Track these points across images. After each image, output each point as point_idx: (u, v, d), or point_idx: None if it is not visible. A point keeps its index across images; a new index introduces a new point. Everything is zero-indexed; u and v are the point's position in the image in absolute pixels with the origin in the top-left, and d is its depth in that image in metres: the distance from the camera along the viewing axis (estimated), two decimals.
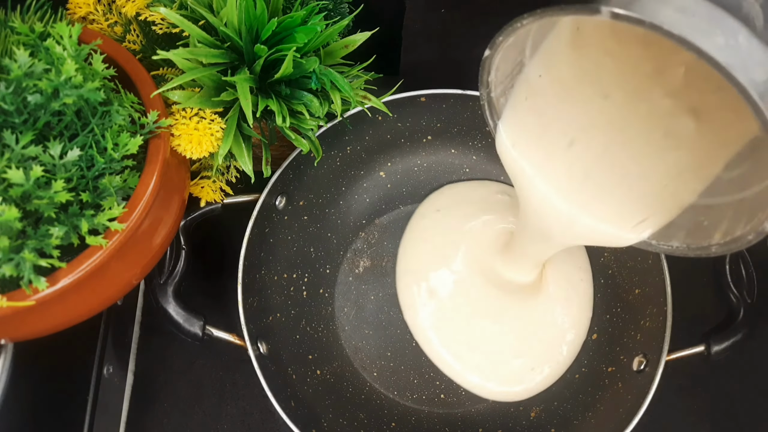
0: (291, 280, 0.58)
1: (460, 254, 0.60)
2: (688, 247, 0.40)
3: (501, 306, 0.57)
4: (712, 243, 0.38)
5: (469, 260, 0.59)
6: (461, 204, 0.62)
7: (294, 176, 0.56)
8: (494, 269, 0.59)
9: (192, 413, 0.57)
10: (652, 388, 0.47)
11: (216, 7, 0.44)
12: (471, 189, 0.63)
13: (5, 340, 0.42)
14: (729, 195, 0.38)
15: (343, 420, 0.53)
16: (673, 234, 0.41)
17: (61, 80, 0.37)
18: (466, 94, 0.57)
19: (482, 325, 0.57)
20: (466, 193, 0.63)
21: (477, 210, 0.61)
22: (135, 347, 0.59)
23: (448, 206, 0.62)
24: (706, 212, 0.40)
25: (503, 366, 0.56)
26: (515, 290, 0.58)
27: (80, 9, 0.48)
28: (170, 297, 0.49)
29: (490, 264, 0.59)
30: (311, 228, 0.60)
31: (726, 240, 0.37)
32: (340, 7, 0.50)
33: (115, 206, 0.38)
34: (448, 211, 0.62)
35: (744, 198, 0.37)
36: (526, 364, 0.55)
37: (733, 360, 0.50)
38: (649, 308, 0.52)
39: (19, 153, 0.36)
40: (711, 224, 0.39)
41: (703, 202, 0.40)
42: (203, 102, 0.44)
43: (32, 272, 0.36)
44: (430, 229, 0.61)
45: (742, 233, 0.36)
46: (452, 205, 0.62)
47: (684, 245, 0.40)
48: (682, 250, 0.40)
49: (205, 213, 0.52)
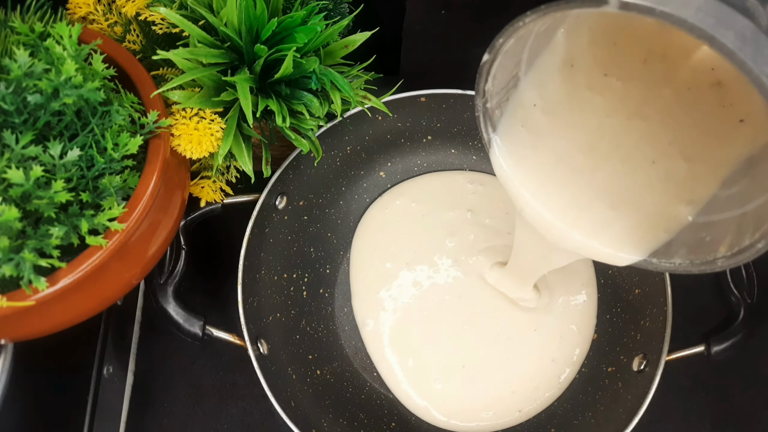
0: (291, 280, 0.58)
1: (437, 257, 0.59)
2: (692, 263, 0.38)
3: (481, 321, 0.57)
4: (718, 257, 0.36)
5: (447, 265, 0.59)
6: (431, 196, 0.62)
7: (294, 176, 0.56)
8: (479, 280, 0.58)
9: (192, 413, 0.57)
10: (652, 388, 0.47)
11: (216, 7, 0.44)
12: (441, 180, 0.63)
13: (5, 340, 0.42)
14: (729, 211, 0.38)
15: (343, 420, 0.53)
16: (674, 251, 0.40)
17: (61, 80, 0.37)
18: (466, 94, 0.57)
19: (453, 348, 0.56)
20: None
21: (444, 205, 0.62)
22: (135, 347, 0.59)
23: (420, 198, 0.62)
24: (706, 228, 0.39)
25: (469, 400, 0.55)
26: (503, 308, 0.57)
27: (80, 9, 0.48)
28: (170, 297, 0.49)
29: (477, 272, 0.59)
30: (311, 228, 0.60)
31: (733, 252, 0.35)
32: (340, 7, 0.50)
33: (115, 206, 0.38)
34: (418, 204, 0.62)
35: (746, 212, 0.36)
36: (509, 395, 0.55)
37: (733, 360, 0.50)
38: (649, 308, 0.52)
39: (19, 153, 0.36)
40: (714, 239, 0.38)
41: (702, 219, 0.39)
42: (203, 102, 0.44)
43: (32, 272, 0.36)
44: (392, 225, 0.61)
45: (751, 242, 0.34)
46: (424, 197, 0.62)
47: (687, 261, 0.38)
48: (685, 267, 0.38)
49: (205, 213, 0.52)
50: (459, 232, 0.60)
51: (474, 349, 0.56)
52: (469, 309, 0.57)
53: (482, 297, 0.57)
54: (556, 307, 0.57)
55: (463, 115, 0.59)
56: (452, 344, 0.56)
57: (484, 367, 0.55)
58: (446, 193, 0.62)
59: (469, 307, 0.57)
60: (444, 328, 0.57)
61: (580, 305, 0.57)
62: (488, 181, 0.62)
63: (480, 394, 0.54)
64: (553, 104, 0.41)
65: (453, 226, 0.60)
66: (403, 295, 0.58)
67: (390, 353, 0.56)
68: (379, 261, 0.60)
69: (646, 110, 0.39)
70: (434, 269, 0.59)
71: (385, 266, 0.59)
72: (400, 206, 0.62)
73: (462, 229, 0.60)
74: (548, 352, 0.55)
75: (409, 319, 0.57)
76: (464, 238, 0.60)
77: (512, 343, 0.56)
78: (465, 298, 0.58)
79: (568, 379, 0.55)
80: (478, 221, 0.61)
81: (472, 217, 0.61)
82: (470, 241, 0.60)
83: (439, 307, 0.57)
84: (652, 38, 0.38)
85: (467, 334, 0.56)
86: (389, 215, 0.62)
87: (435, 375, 0.55)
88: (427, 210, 0.61)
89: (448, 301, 0.58)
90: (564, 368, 0.55)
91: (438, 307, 0.57)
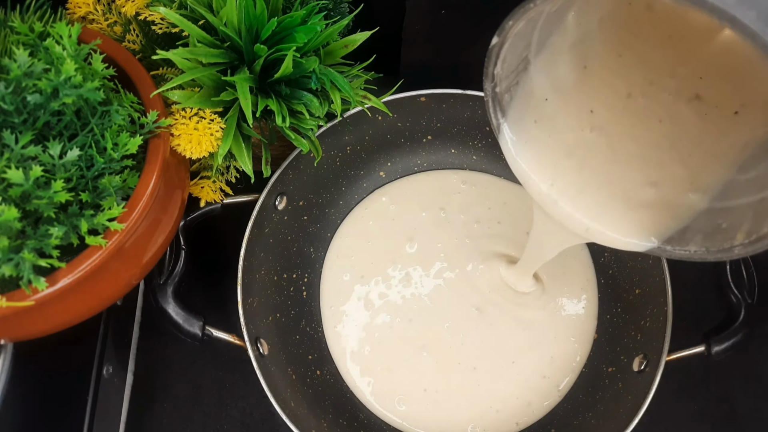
0: (291, 280, 0.58)
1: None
2: (708, 250, 0.37)
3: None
4: (735, 244, 0.35)
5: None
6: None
7: (294, 176, 0.56)
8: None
9: (192, 413, 0.57)
10: (652, 388, 0.47)
11: (216, 6, 0.44)
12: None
13: (5, 340, 0.42)
14: (747, 196, 0.37)
15: (343, 420, 0.53)
16: (689, 238, 0.39)
17: (60, 80, 0.37)
18: (466, 94, 0.57)
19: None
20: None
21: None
22: (135, 347, 0.59)
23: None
24: (723, 215, 0.38)
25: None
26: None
27: (80, 9, 0.48)
28: (170, 297, 0.49)
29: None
30: (311, 228, 0.59)
31: (751, 239, 0.35)
32: (340, 6, 0.50)
33: (115, 206, 0.38)
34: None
35: (765, 197, 0.36)
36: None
37: (733, 360, 0.50)
38: (650, 308, 0.52)
39: (18, 153, 0.36)
40: (730, 226, 0.37)
41: (719, 205, 0.38)
42: (203, 102, 0.44)
43: (32, 272, 0.36)
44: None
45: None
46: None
47: (703, 249, 0.38)
48: (701, 254, 0.38)
49: (205, 213, 0.52)
50: (422, 237, 0.59)
51: (458, 364, 0.54)
52: (445, 320, 0.56)
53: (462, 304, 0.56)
54: (553, 317, 0.56)
55: (463, 115, 0.59)
56: (425, 364, 0.54)
57: (472, 386, 0.54)
58: (431, 193, 0.61)
59: (446, 319, 0.56)
60: (414, 346, 0.55)
61: (576, 315, 0.57)
62: (479, 180, 0.62)
63: (466, 411, 0.53)
64: (563, 87, 0.40)
65: (419, 230, 0.59)
66: (359, 314, 0.57)
67: (356, 373, 0.55)
68: (338, 273, 0.58)
69: (654, 95, 0.39)
70: (402, 282, 0.58)
71: (342, 279, 0.58)
72: (378, 208, 0.61)
73: (428, 232, 0.59)
74: (540, 370, 0.55)
75: (373, 337, 0.56)
76: (431, 244, 0.59)
77: (499, 363, 0.55)
78: (441, 310, 0.56)
79: (568, 384, 0.55)
80: (451, 220, 0.60)
81: (446, 216, 0.60)
82: (437, 248, 0.59)
83: (406, 323, 0.56)
84: (669, 21, 0.37)
85: (442, 352, 0.55)
86: (365, 220, 0.61)
87: (411, 393, 0.54)
88: (401, 213, 0.60)
89: (413, 320, 0.56)
90: (554, 388, 0.54)
91: (404, 323, 0.56)
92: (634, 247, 0.41)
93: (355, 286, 0.58)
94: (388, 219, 0.60)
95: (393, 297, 0.57)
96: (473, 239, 0.59)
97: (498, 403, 0.53)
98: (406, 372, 0.55)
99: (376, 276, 0.58)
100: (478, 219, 0.60)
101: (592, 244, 0.59)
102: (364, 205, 0.61)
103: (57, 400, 0.49)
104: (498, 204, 0.61)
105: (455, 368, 0.54)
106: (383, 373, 0.55)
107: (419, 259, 0.58)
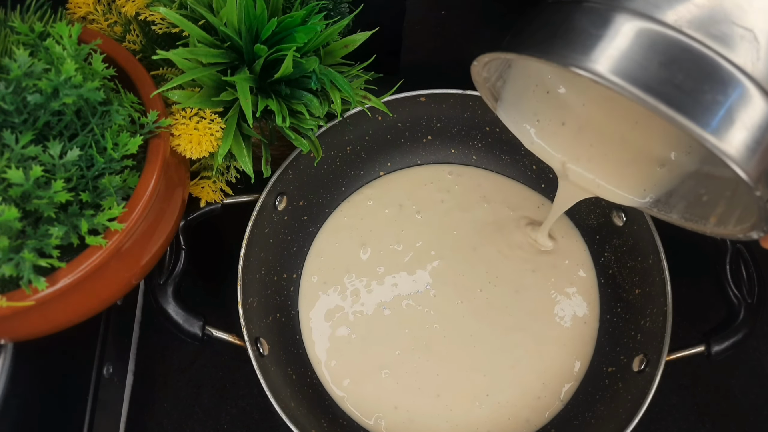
0: (291, 280, 0.58)
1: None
2: (685, 219, 0.42)
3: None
4: (707, 224, 0.41)
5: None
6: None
7: (294, 176, 0.56)
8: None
9: (192, 413, 0.57)
10: (652, 388, 0.47)
11: (216, 6, 0.44)
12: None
13: (5, 340, 0.42)
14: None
15: (343, 420, 0.53)
16: (674, 204, 0.43)
17: (60, 80, 0.37)
18: (466, 94, 0.57)
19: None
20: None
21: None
22: (135, 347, 0.59)
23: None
24: (706, 184, 0.41)
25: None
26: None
27: (80, 9, 0.48)
28: (170, 297, 0.49)
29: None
30: (311, 228, 0.60)
31: (719, 230, 0.40)
32: (340, 6, 0.50)
33: (115, 206, 0.38)
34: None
35: (738, 190, 0.39)
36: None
37: (733, 360, 0.50)
38: (649, 308, 0.52)
39: (18, 153, 0.36)
40: (709, 201, 0.41)
41: (706, 169, 0.41)
42: (203, 102, 0.44)
43: (32, 272, 0.36)
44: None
45: (732, 231, 0.38)
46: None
47: (682, 219, 0.43)
48: (680, 222, 0.43)
49: (205, 213, 0.52)
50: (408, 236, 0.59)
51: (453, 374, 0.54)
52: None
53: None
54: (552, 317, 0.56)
55: (463, 115, 0.59)
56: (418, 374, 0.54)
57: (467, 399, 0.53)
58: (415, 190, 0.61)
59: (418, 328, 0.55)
60: (407, 349, 0.55)
61: (576, 316, 0.56)
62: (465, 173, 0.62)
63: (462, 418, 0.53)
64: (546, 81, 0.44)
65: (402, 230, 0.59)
66: (326, 322, 0.56)
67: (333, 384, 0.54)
68: (310, 273, 0.58)
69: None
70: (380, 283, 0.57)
71: (311, 280, 0.57)
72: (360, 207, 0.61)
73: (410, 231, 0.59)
74: (540, 370, 0.54)
75: (372, 338, 0.55)
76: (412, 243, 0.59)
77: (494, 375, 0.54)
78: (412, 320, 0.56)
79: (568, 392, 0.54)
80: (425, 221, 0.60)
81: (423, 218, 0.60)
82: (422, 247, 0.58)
83: (385, 331, 0.55)
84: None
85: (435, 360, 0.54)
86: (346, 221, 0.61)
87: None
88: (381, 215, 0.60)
89: (393, 329, 0.55)
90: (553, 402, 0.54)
91: (383, 331, 0.55)
92: (628, 201, 0.45)
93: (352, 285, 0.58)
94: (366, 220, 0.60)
95: (377, 299, 0.57)
96: (468, 232, 0.59)
97: (498, 403, 0.53)
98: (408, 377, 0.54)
99: (352, 278, 0.58)
100: (475, 216, 0.60)
101: (593, 245, 0.59)
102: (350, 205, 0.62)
103: (57, 400, 0.49)
104: (495, 195, 0.61)
105: (458, 367, 0.54)
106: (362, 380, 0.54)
107: (403, 262, 0.58)
